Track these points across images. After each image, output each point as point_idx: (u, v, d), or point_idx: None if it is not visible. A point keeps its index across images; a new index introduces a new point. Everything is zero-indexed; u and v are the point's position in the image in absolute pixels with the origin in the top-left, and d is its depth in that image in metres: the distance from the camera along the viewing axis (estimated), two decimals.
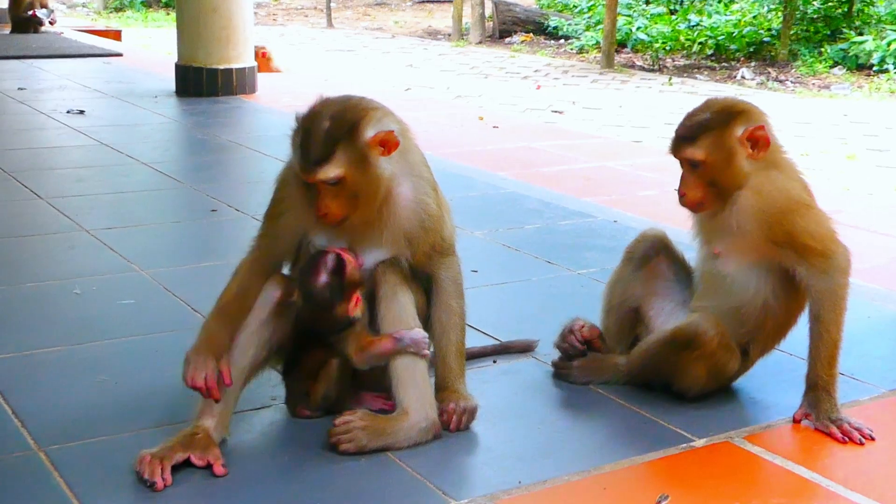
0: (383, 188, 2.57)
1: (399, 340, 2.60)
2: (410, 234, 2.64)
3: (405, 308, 2.65)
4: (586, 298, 3.79)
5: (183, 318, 3.49)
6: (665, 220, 4.87)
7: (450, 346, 2.74)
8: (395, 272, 2.66)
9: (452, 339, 2.74)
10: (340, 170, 2.48)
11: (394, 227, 2.63)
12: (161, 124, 7.39)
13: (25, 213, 4.86)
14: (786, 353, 3.26)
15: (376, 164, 2.53)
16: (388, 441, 2.57)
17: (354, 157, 2.50)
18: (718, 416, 2.82)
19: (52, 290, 3.78)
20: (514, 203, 5.19)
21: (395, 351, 2.60)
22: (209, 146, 6.57)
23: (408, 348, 2.60)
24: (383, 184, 2.56)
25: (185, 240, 4.61)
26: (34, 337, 3.31)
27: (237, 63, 8.47)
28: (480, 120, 7.76)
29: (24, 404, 2.81)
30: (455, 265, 2.77)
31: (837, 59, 15.55)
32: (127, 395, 2.89)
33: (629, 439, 2.69)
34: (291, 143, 2.55)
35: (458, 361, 2.75)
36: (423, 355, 2.63)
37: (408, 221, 2.63)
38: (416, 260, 2.67)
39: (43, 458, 2.53)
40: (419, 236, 2.65)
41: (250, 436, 2.68)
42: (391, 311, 2.64)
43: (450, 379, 2.73)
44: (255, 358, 2.65)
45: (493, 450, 2.64)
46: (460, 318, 2.76)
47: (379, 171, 2.54)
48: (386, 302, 2.65)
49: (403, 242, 2.65)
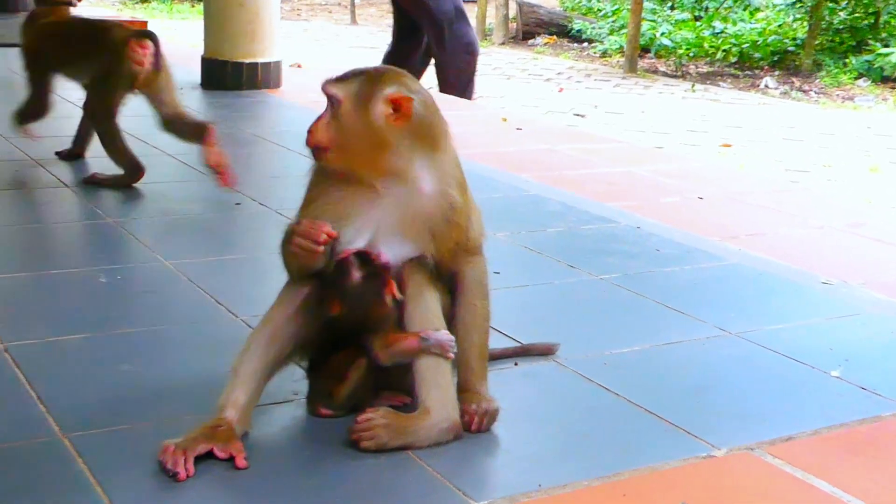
0: (380, 150, 2.54)
1: (424, 340, 2.60)
2: (434, 227, 2.63)
3: (431, 308, 2.65)
4: (608, 303, 3.80)
5: (206, 309, 3.51)
6: (688, 226, 4.88)
7: (472, 346, 2.73)
8: (421, 272, 2.66)
9: (475, 340, 2.73)
10: (343, 93, 2.52)
11: (419, 219, 2.62)
12: None
13: (51, 201, 4.89)
14: (807, 364, 3.26)
15: (380, 120, 2.52)
16: (409, 440, 2.58)
17: (363, 96, 2.52)
18: (741, 426, 2.82)
19: (76, 278, 3.80)
20: (536, 206, 5.19)
21: (420, 350, 2.60)
22: (233, 140, 6.58)
23: (432, 349, 2.60)
24: (380, 145, 2.54)
25: (209, 232, 4.63)
26: (58, 324, 3.33)
27: (263, 57, 8.50)
28: (504, 122, 7.76)
29: (49, 391, 2.82)
30: (482, 265, 2.77)
31: (862, 71, 15.47)
32: (150, 385, 2.90)
33: (650, 446, 2.69)
34: None
35: (480, 363, 2.75)
36: (448, 357, 2.63)
37: (431, 213, 2.62)
38: (440, 257, 2.66)
39: (67, 444, 2.54)
40: (443, 231, 2.63)
41: (272, 430, 2.69)
42: (417, 310, 2.64)
43: (472, 380, 2.73)
44: (279, 352, 2.66)
45: (513, 452, 2.64)
46: (484, 319, 2.76)
47: (378, 127, 2.52)
48: (412, 302, 2.64)
49: (427, 236, 2.63)
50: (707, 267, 4.28)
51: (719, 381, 3.13)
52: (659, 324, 3.60)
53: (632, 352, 3.32)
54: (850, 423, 2.88)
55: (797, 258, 4.45)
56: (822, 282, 4.14)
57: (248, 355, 2.62)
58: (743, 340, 3.46)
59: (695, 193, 5.64)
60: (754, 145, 10.54)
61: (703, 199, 5.53)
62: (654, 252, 4.45)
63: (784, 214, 5.27)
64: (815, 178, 9.04)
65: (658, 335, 3.47)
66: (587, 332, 3.50)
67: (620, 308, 3.75)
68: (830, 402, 3.02)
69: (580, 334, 3.45)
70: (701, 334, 3.50)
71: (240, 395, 2.58)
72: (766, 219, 5.19)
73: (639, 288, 3.94)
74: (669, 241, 4.62)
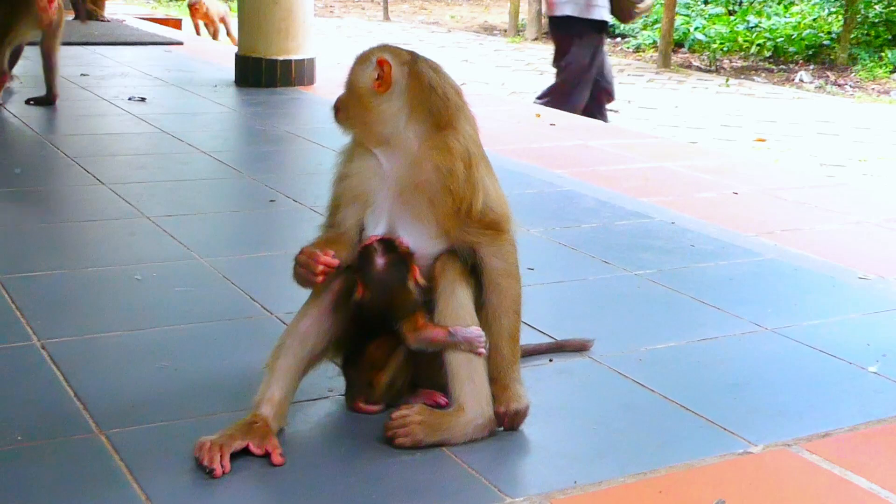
0: (368, 114, 2.60)
1: (452, 335, 2.58)
2: (430, 194, 2.57)
3: (463, 304, 2.63)
4: (643, 299, 3.77)
5: (241, 306, 3.52)
6: (724, 222, 4.85)
7: (501, 330, 2.65)
8: (453, 268, 2.64)
9: (504, 325, 2.65)
10: (354, 59, 2.66)
11: (413, 186, 2.59)
12: (220, 113, 7.45)
13: (88, 198, 4.92)
14: (844, 360, 3.23)
15: (367, 83, 2.59)
16: (444, 436, 2.57)
17: (359, 61, 2.64)
18: (777, 422, 2.80)
19: (113, 275, 3.82)
20: (570, 201, 5.18)
21: (447, 343, 2.59)
22: (267, 136, 6.61)
23: (459, 345, 2.59)
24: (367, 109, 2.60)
25: (244, 229, 4.65)
26: (95, 321, 3.35)
27: (297, 55, 8.52)
28: (537, 117, 7.74)
29: (86, 387, 2.84)
30: (504, 242, 2.66)
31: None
32: (186, 382, 2.91)
33: (686, 442, 2.67)
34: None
35: (510, 348, 2.67)
36: (478, 353, 2.60)
37: (425, 179, 2.57)
38: (441, 225, 2.60)
39: (104, 440, 2.56)
40: (437, 197, 2.57)
41: (307, 426, 2.69)
42: (449, 306, 2.62)
43: (502, 368, 2.66)
44: (314, 349, 2.66)
45: (548, 448, 2.63)
46: (513, 301, 2.67)
47: (365, 90, 2.60)
48: (444, 298, 2.63)
49: (425, 204, 2.59)
50: (743, 262, 4.25)
51: (756, 377, 3.11)
52: (694, 320, 3.57)
53: (667, 348, 3.30)
54: (889, 419, 2.85)
55: (833, 253, 4.41)
56: (858, 277, 4.11)
57: (283, 352, 2.63)
58: (779, 336, 3.43)
59: (730, 189, 5.60)
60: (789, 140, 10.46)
61: (739, 194, 5.49)
62: (689, 248, 4.43)
63: (820, 209, 5.23)
64: (851, 173, 8.97)
65: (694, 331, 3.45)
66: (622, 328, 3.48)
67: (655, 304, 3.73)
68: (868, 397, 2.98)
69: (615, 330, 3.43)
70: (737, 330, 3.47)
71: (275, 392, 2.58)
72: (801, 214, 5.15)
73: (674, 284, 3.91)
74: (704, 236, 4.59)
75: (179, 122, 6.91)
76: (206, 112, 7.40)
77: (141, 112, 7.15)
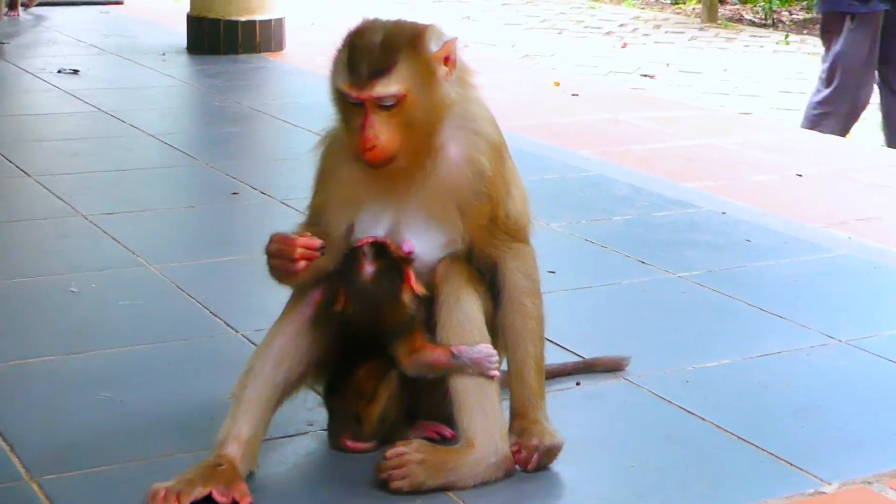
0: (443, 119, 2.57)
1: (456, 357, 2.58)
2: (461, 200, 2.61)
3: (470, 317, 2.63)
4: (688, 307, 3.78)
5: (199, 323, 3.53)
6: (786, 211, 4.85)
7: (527, 357, 2.68)
8: (458, 274, 2.64)
9: (530, 351, 2.68)
10: (402, 85, 2.47)
11: (443, 190, 2.61)
12: (170, 87, 7.46)
13: (10, 193, 4.93)
14: None
15: (442, 86, 2.53)
16: (450, 478, 2.57)
17: (419, 72, 2.50)
18: (855, 455, 2.81)
19: (43, 287, 3.83)
20: (598, 188, 5.18)
21: (449, 367, 2.59)
22: (228, 115, 6.62)
23: (466, 368, 2.59)
24: (445, 113, 2.56)
25: (201, 229, 4.66)
26: (23, 344, 3.35)
27: (261, 14, 8.53)
28: (556, 86, 7.75)
29: (13, 424, 2.84)
30: (528, 255, 2.72)
31: None
32: (135, 416, 2.91)
33: (744, 481, 2.67)
34: (334, 66, 2.54)
35: (537, 379, 2.70)
36: (490, 376, 2.61)
37: (458, 183, 2.60)
38: (472, 239, 2.64)
39: (36, 489, 2.56)
40: (472, 204, 2.61)
41: (283, 468, 2.69)
42: (452, 319, 2.62)
43: (528, 402, 2.69)
44: (290, 374, 2.66)
45: (577, 492, 2.63)
46: (538, 322, 2.71)
47: (444, 94, 2.54)
48: (447, 309, 2.63)
49: (455, 212, 2.62)
50: (810, 260, 4.26)
51: (828, 400, 3.11)
52: (752, 331, 3.58)
53: (720, 366, 3.31)
54: None
55: None
56: None
57: (252, 378, 2.63)
58: (855, 349, 3.44)
59: (792, 170, 5.60)
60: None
61: (803, 176, 5.50)
62: (743, 243, 4.43)
63: None
64: None
65: (751, 345, 3.45)
66: (664, 342, 3.48)
67: (704, 312, 3.74)
68: None
69: (655, 345, 3.44)
70: (804, 343, 3.48)
71: (243, 427, 2.58)
72: (880, 200, 5.15)
73: (726, 287, 3.92)
74: (763, 229, 4.59)
75: (120, 98, 6.92)
76: (152, 86, 7.41)
77: (73, 87, 7.16)
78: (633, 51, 13.31)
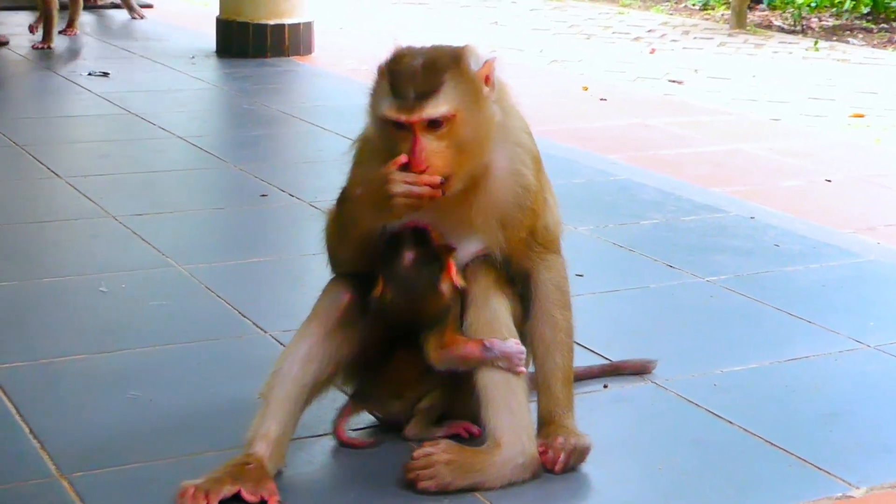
0: (491, 137, 2.57)
1: (488, 350, 2.59)
2: (504, 213, 2.63)
3: (498, 315, 2.65)
4: (716, 311, 3.77)
5: (228, 323, 3.54)
6: (814, 216, 4.84)
7: (555, 369, 2.71)
8: (487, 274, 2.66)
9: (559, 362, 2.72)
10: (451, 105, 2.47)
11: (485, 203, 2.61)
12: (199, 90, 7.49)
13: (41, 194, 4.95)
14: None
15: (487, 103, 2.54)
16: (477, 479, 2.58)
17: (465, 91, 2.50)
18: (883, 459, 2.80)
19: (73, 287, 3.85)
20: (626, 193, 5.18)
21: (481, 360, 2.60)
22: (257, 118, 6.63)
23: (496, 361, 2.60)
24: (492, 130, 2.57)
25: (230, 230, 4.67)
26: (54, 343, 3.37)
27: (290, 18, 8.55)
28: (584, 91, 7.75)
29: (44, 423, 2.86)
30: (560, 266, 2.75)
31: None
32: (163, 415, 2.93)
33: (771, 485, 2.67)
34: (374, 96, 2.54)
35: (565, 390, 2.73)
36: (517, 372, 2.62)
37: (502, 197, 2.62)
38: (511, 251, 2.66)
39: (66, 486, 2.57)
40: (514, 217, 2.63)
41: (311, 467, 2.70)
42: (481, 317, 2.64)
43: (556, 411, 2.71)
44: (318, 374, 2.68)
45: (603, 494, 2.64)
46: (567, 334, 2.74)
47: (490, 111, 2.55)
48: (475, 308, 2.65)
49: (496, 225, 2.63)
50: (838, 265, 4.25)
51: (856, 404, 3.11)
52: (780, 336, 3.57)
53: (747, 370, 3.30)
54: None
55: None
56: None
57: (281, 378, 2.64)
58: (884, 355, 3.43)
59: (821, 175, 5.59)
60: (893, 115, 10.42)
61: (832, 182, 5.48)
62: (772, 248, 4.42)
63: None
64: None
65: (779, 349, 3.44)
66: (692, 346, 3.48)
67: (732, 317, 3.73)
68: None
69: (683, 349, 3.44)
70: (832, 348, 3.47)
71: (272, 427, 2.60)
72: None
73: (754, 292, 3.91)
74: (791, 234, 4.58)
75: (150, 101, 6.94)
76: (181, 89, 7.43)
77: (103, 90, 7.19)
78: (662, 56, 13.28)
